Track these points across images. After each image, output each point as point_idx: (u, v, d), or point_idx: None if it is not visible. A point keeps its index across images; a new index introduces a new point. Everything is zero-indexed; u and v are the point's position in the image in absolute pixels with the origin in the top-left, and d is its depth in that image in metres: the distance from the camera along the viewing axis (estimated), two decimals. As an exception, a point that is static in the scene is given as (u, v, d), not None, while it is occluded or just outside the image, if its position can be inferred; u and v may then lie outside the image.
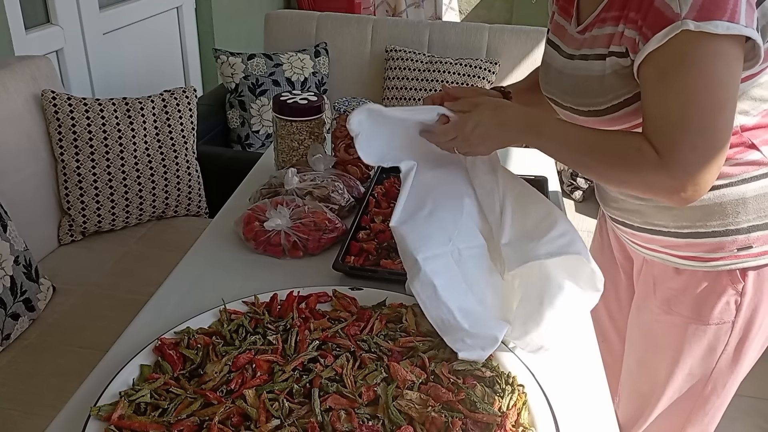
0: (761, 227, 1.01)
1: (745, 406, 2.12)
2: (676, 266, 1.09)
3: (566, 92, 1.06)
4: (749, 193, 1.00)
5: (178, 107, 2.01)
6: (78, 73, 2.38)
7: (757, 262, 1.03)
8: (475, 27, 2.63)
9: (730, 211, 1.01)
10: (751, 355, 1.14)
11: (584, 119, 1.03)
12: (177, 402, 0.80)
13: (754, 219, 1.00)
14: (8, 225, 1.53)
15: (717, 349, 1.11)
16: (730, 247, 1.03)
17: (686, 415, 1.21)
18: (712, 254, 1.04)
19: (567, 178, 2.44)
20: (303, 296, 1.01)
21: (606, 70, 0.96)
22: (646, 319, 1.19)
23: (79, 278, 1.75)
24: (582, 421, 0.84)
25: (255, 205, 1.26)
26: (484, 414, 0.79)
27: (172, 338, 0.91)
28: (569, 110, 1.06)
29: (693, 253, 1.06)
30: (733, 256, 1.03)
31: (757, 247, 1.02)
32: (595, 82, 0.98)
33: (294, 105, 1.42)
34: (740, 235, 1.01)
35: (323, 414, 0.79)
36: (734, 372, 1.15)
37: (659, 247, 1.10)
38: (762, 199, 1.00)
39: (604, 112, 0.99)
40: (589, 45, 0.99)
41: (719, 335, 1.10)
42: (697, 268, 1.07)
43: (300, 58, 2.58)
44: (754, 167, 0.99)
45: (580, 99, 1.02)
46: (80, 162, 1.85)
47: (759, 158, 0.98)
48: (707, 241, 1.04)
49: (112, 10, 2.55)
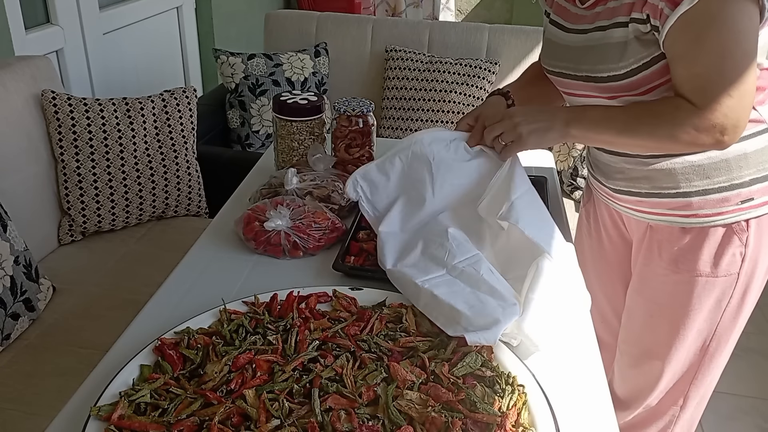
0: (761, 179, 1.11)
1: (745, 406, 2.12)
2: (683, 226, 1.16)
3: (581, 62, 1.13)
4: (749, 148, 1.10)
5: (178, 107, 2.01)
6: (78, 73, 2.38)
7: (758, 212, 1.13)
8: (475, 27, 2.63)
9: (734, 165, 1.10)
10: (749, 306, 1.22)
11: (600, 85, 1.10)
12: (177, 402, 0.80)
13: (755, 172, 1.11)
14: (8, 225, 1.53)
15: (723, 303, 1.19)
16: (734, 200, 1.12)
17: (691, 377, 1.28)
18: (717, 209, 1.13)
19: (567, 178, 2.44)
20: (303, 296, 1.01)
21: (630, 35, 1.04)
22: (651, 284, 1.24)
23: (79, 278, 1.75)
24: (582, 421, 0.84)
25: (255, 205, 1.26)
26: (484, 414, 0.79)
27: (172, 338, 0.91)
28: (584, 79, 1.13)
29: (699, 210, 1.13)
30: (737, 209, 1.12)
31: (758, 198, 1.12)
32: (616, 49, 1.06)
33: (294, 105, 1.42)
34: (743, 189, 1.11)
35: (323, 414, 0.79)
36: (735, 325, 1.23)
37: (666, 210, 1.17)
38: (761, 153, 1.10)
39: (623, 76, 1.06)
40: (606, 16, 1.07)
41: (726, 287, 1.18)
42: (705, 225, 1.14)
43: (300, 58, 2.58)
44: (753, 124, 1.08)
45: (599, 65, 1.09)
46: (80, 162, 1.85)
47: (756, 117, 1.09)
48: (715, 197, 1.12)
49: (112, 10, 2.55)
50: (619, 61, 1.06)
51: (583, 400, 0.88)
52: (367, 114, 1.43)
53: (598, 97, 1.13)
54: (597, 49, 1.09)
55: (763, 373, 2.25)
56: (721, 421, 2.07)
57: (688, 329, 1.22)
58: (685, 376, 1.28)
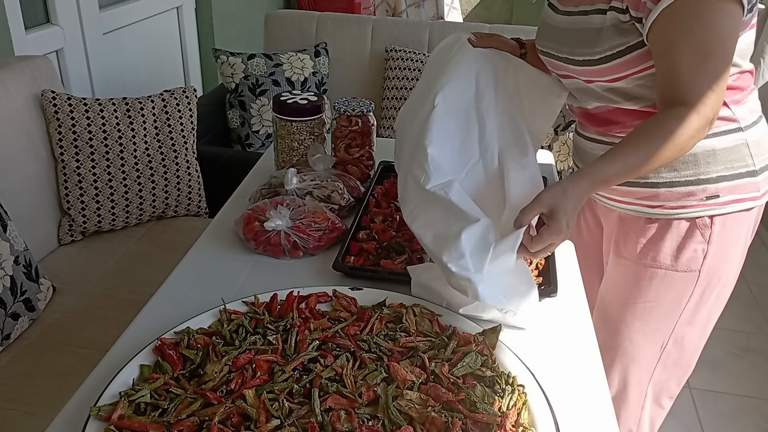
0: (728, 178, 1.12)
1: (745, 406, 2.12)
2: (649, 216, 1.19)
3: (563, 44, 1.15)
4: (719, 146, 1.11)
5: (178, 107, 2.01)
6: (78, 73, 2.38)
7: (723, 210, 1.14)
8: (475, 27, 2.63)
9: (701, 161, 1.12)
10: (709, 308, 1.23)
11: (577, 68, 1.13)
12: (177, 402, 0.80)
13: (723, 170, 1.12)
14: (8, 225, 1.53)
15: (682, 300, 1.21)
16: (699, 195, 1.13)
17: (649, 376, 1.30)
18: (682, 202, 1.15)
19: (567, 178, 2.44)
20: (303, 296, 1.01)
21: (605, 22, 1.06)
22: (616, 275, 1.27)
23: (79, 278, 1.75)
24: (582, 421, 0.84)
25: (255, 205, 1.27)
26: (484, 414, 0.79)
27: (172, 338, 0.91)
28: (564, 61, 1.16)
29: (665, 202, 1.16)
30: (702, 204, 1.14)
31: (723, 197, 1.13)
32: (592, 34, 1.08)
33: (294, 105, 1.42)
34: (709, 185, 1.13)
35: (323, 414, 0.79)
36: (695, 328, 1.24)
37: (634, 199, 1.19)
38: (729, 152, 1.12)
39: (598, 61, 1.09)
40: (589, 1, 1.09)
41: (685, 284, 1.20)
42: (669, 217, 1.17)
43: (300, 58, 2.58)
44: (724, 122, 1.11)
45: (576, 49, 1.12)
46: (80, 162, 1.85)
47: (728, 114, 1.11)
48: (680, 189, 1.14)
49: (112, 10, 2.55)
50: (594, 46, 1.08)
51: (583, 400, 0.88)
52: (367, 114, 1.43)
53: (577, 79, 1.16)
54: (577, 33, 1.12)
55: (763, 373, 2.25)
56: (721, 421, 2.07)
57: (646, 322, 1.24)
58: (644, 374, 1.30)
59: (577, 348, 0.98)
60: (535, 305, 0.99)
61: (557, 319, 1.03)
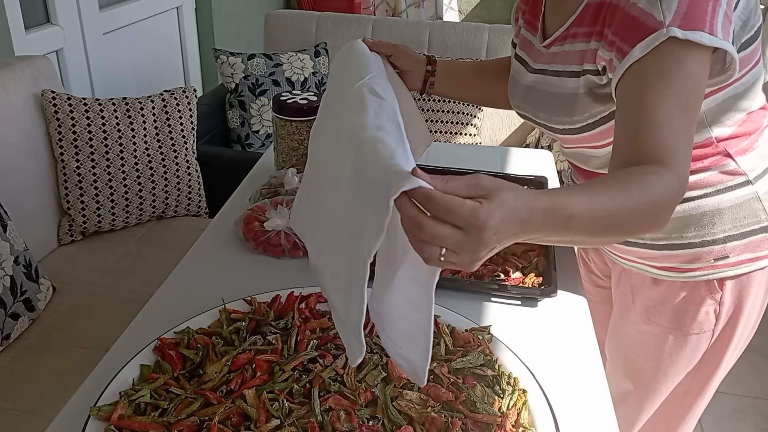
0: (737, 237, 1.00)
1: (745, 406, 2.12)
2: (654, 276, 1.08)
3: (539, 109, 1.03)
4: (724, 204, 0.98)
5: (178, 107, 2.01)
6: (78, 73, 2.38)
7: (735, 271, 1.02)
8: (475, 27, 2.63)
9: (706, 222, 0.99)
10: (729, 360, 1.13)
11: (560, 136, 1.02)
12: (177, 402, 0.80)
13: (730, 229, 0.99)
14: (8, 225, 1.53)
15: (696, 358, 1.11)
16: (706, 257, 1.01)
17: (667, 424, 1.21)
18: (689, 265, 1.03)
19: (567, 178, 2.44)
20: (303, 296, 1.01)
21: (580, 88, 0.93)
22: (626, 329, 1.17)
23: (79, 278, 1.75)
24: (582, 421, 0.84)
25: (255, 205, 1.26)
26: (484, 414, 0.79)
27: (172, 338, 0.91)
28: (543, 127, 1.04)
29: (670, 263, 1.05)
30: (710, 266, 1.02)
31: (734, 257, 1.01)
32: (568, 100, 0.96)
33: (294, 105, 1.42)
34: (716, 246, 1.00)
35: (323, 414, 0.79)
36: (713, 380, 1.15)
37: (636, 258, 1.09)
38: (737, 209, 0.99)
39: (579, 130, 0.97)
40: (560, 60, 0.97)
41: (699, 344, 1.09)
42: (675, 279, 1.06)
43: (300, 58, 2.58)
44: (729, 177, 0.98)
45: (553, 116, 1.00)
46: (80, 162, 1.85)
47: (734, 168, 0.97)
48: (684, 252, 1.02)
49: (112, 10, 2.55)
50: (572, 114, 0.95)
51: (583, 400, 0.88)
52: (367, 114, 1.42)
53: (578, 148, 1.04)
54: (551, 97, 0.99)
55: (763, 373, 2.25)
56: (721, 421, 2.07)
57: (660, 383, 1.15)
58: (663, 424, 1.22)
59: (577, 348, 0.98)
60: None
61: (557, 319, 1.03)
